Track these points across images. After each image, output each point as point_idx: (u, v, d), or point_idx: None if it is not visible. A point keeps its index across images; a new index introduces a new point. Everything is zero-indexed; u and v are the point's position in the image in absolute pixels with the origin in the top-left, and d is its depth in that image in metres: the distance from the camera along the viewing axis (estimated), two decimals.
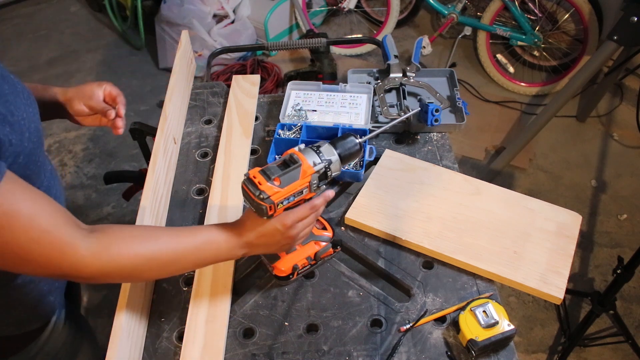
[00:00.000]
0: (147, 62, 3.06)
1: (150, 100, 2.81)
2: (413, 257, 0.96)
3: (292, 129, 1.14)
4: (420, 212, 1.00)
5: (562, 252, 0.94)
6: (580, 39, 2.62)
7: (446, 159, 1.12)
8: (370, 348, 0.84)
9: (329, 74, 2.53)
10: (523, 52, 2.86)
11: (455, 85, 1.25)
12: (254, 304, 0.91)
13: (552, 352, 1.81)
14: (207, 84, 1.33)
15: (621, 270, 1.47)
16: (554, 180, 2.35)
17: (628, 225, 2.17)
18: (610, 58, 1.98)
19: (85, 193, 2.35)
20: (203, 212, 1.02)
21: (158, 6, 2.91)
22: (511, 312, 1.89)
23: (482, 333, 0.82)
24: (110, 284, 0.76)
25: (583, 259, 2.06)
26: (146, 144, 1.38)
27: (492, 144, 2.51)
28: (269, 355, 0.84)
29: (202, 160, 1.15)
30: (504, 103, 2.72)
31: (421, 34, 3.07)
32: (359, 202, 1.02)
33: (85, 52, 3.16)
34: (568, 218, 1.00)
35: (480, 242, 0.95)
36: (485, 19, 2.70)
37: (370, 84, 1.24)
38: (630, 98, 2.64)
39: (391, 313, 0.88)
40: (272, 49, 1.53)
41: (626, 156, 2.45)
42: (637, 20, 1.75)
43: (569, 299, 1.94)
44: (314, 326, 0.88)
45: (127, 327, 0.80)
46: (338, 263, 0.96)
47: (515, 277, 0.90)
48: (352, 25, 3.24)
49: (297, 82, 1.24)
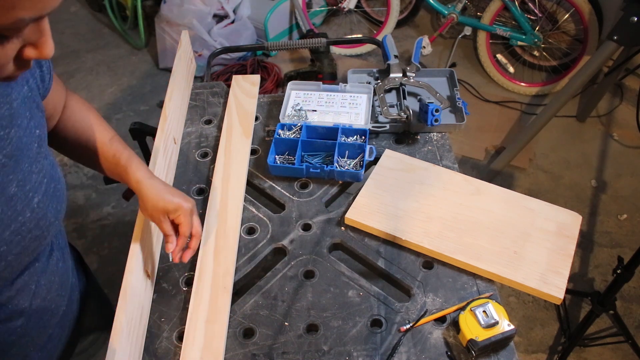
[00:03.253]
0: (147, 62, 3.06)
1: (150, 100, 2.81)
2: (413, 257, 0.96)
3: (292, 129, 1.14)
4: (420, 212, 1.00)
5: (562, 252, 0.94)
6: (580, 39, 2.62)
7: (446, 159, 1.12)
8: (370, 348, 0.84)
9: (329, 74, 2.53)
10: (523, 52, 2.86)
11: (455, 85, 1.25)
12: (254, 304, 0.91)
13: (552, 352, 1.81)
14: (207, 84, 1.33)
15: (621, 270, 1.47)
16: (554, 180, 2.35)
17: (628, 225, 2.17)
18: (610, 58, 1.98)
19: (85, 193, 2.35)
20: (203, 212, 1.02)
21: (158, 6, 2.91)
22: (511, 312, 1.89)
23: (482, 333, 0.82)
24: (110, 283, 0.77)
25: (583, 259, 2.06)
26: (146, 144, 1.38)
27: (492, 144, 2.51)
28: (269, 355, 0.84)
29: (202, 160, 1.15)
30: (504, 103, 2.72)
31: (421, 34, 3.07)
32: (359, 202, 1.02)
33: (85, 52, 3.16)
34: (568, 218, 1.00)
35: (480, 242, 0.95)
36: (485, 19, 2.70)
37: (370, 84, 1.24)
38: (630, 98, 2.64)
39: (391, 313, 0.88)
40: (272, 49, 1.53)
41: (626, 156, 2.45)
42: (637, 20, 1.75)
43: (569, 299, 1.94)
44: (314, 326, 0.88)
45: (127, 327, 0.80)
46: (338, 263, 0.96)
47: (515, 277, 0.90)
48: (352, 25, 3.25)
49: (297, 82, 1.24)
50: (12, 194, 0.66)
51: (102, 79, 2.96)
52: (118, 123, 2.66)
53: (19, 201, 0.67)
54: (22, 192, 0.67)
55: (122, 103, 2.80)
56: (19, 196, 0.67)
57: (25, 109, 0.69)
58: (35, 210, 0.69)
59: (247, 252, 0.98)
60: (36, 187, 0.69)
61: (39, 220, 0.70)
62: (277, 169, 1.09)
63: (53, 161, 0.75)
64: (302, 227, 1.01)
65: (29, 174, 0.68)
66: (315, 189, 1.08)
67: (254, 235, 1.01)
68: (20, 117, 0.68)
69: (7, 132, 0.65)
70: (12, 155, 0.65)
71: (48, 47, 0.52)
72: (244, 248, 0.99)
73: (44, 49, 0.52)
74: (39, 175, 0.70)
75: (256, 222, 1.03)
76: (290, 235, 1.00)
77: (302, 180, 1.09)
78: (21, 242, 0.69)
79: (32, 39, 0.51)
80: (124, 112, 2.75)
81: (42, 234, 0.72)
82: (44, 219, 0.71)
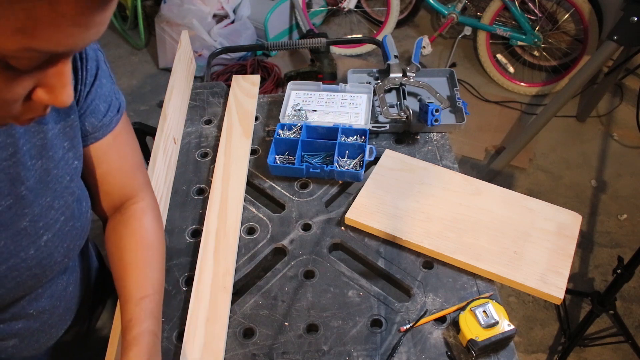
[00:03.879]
0: (147, 62, 3.06)
1: (150, 100, 2.81)
2: (413, 257, 0.96)
3: (292, 129, 1.14)
4: (420, 212, 1.00)
5: (562, 252, 0.94)
6: (580, 39, 2.62)
7: (446, 159, 1.12)
8: (370, 348, 0.84)
9: (329, 74, 2.53)
10: (523, 52, 2.86)
11: (455, 85, 1.25)
12: (254, 304, 0.91)
13: (552, 352, 1.81)
14: (207, 84, 1.33)
15: (621, 270, 1.47)
16: (554, 180, 2.35)
17: (628, 225, 2.17)
18: (610, 58, 1.98)
19: None
20: (203, 212, 1.03)
21: (158, 6, 2.91)
22: (511, 312, 1.89)
23: (482, 333, 0.82)
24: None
25: (583, 259, 2.06)
26: (146, 144, 1.38)
27: (492, 144, 2.51)
28: (269, 355, 0.84)
29: (202, 160, 1.15)
30: (504, 103, 2.72)
31: (421, 34, 3.07)
32: (359, 202, 1.02)
33: None
34: (568, 218, 1.00)
35: (480, 242, 0.95)
36: (485, 19, 2.70)
37: (370, 84, 1.24)
38: (630, 98, 2.64)
39: (391, 313, 0.88)
40: (272, 49, 1.53)
41: (626, 156, 2.46)
42: (637, 20, 1.75)
43: (569, 299, 1.94)
44: (314, 326, 0.88)
45: None
46: (338, 263, 0.96)
47: (515, 277, 0.90)
48: (352, 25, 3.25)
49: (297, 82, 1.24)
50: (21, 229, 0.61)
51: None
52: None
53: (26, 236, 0.61)
54: (33, 228, 0.62)
55: None
56: (28, 231, 0.61)
57: (64, 139, 0.64)
58: (41, 248, 0.63)
59: (247, 252, 0.98)
60: (50, 225, 0.63)
61: (42, 259, 0.64)
62: (277, 169, 1.09)
63: (79, 195, 0.69)
64: (302, 227, 1.01)
65: (47, 209, 0.63)
66: (315, 189, 1.08)
67: (254, 235, 1.01)
68: (55, 148, 0.62)
69: (33, 163, 0.60)
70: (33, 188, 0.60)
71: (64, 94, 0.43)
72: (244, 248, 0.99)
73: (59, 94, 0.43)
74: (57, 212, 0.64)
75: (256, 222, 1.03)
76: (290, 235, 1.00)
77: (302, 180, 1.09)
78: (17, 277, 0.63)
79: (47, 82, 0.42)
80: None
81: (44, 272, 0.66)
82: (48, 258, 0.65)
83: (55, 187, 0.63)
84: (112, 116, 0.72)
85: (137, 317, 0.69)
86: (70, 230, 0.66)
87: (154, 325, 0.71)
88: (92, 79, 0.68)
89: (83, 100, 0.68)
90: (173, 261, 0.97)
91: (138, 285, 0.72)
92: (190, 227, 1.02)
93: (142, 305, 0.71)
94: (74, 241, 0.68)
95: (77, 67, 0.66)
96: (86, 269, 0.85)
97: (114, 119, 0.73)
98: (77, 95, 0.66)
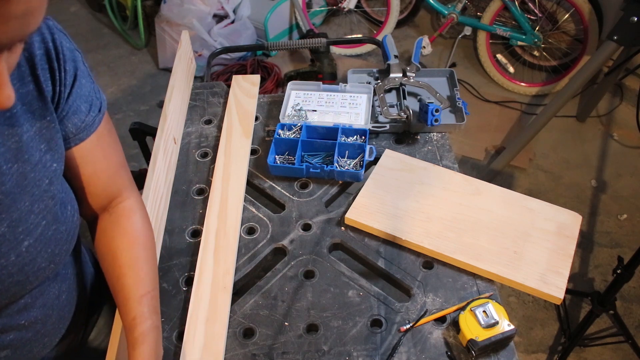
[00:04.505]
0: (147, 62, 3.06)
1: (150, 100, 2.81)
2: (413, 257, 0.96)
3: (292, 129, 1.14)
4: (420, 212, 1.00)
5: (562, 252, 0.94)
6: (580, 39, 2.62)
7: (446, 159, 1.12)
8: (370, 348, 0.84)
9: (329, 74, 2.53)
10: (523, 52, 2.86)
11: (455, 85, 1.25)
12: (254, 304, 0.91)
13: (552, 352, 1.81)
14: (207, 84, 1.33)
15: (621, 270, 1.47)
16: (554, 180, 2.35)
17: (628, 225, 2.17)
18: (610, 58, 1.98)
19: None
20: (203, 212, 1.03)
21: (158, 6, 2.91)
22: (511, 312, 1.89)
23: (482, 333, 0.82)
24: None
25: (583, 259, 2.06)
26: (146, 144, 1.38)
27: (492, 144, 2.51)
28: (269, 355, 0.84)
29: (202, 160, 1.15)
30: (504, 103, 2.72)
31: (421, 34, 3.07)
32: (359, 202, 1.02)
33: (85, 52, 3.13)
34: (568, 218, 1.00)
35: (480, 242, 0.95)
36: (485, 19, 2.70)
37: (370, 84, 1.24)
38: (630, 98, 2.64)
39: (391, 313, 0.88)
40: (272, 49, 1.53)
41: (626, 156, 2.46)
42: (637, 20, 1.75)
43: (569, 299, 1.94)
44: (314, 326, 0.88)
45: None
46: (338, 263, 0.96)
47: (515, 277, 0.90)
48: (352, 25, 3.25)
49: (297, 82, 1.24)
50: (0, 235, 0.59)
51: (102, 78, 2.96)
52: (118, 123, 2.65)
53: (5, 243, 0.59)
54: (12, 234, 0.60)
55: (122, 103, 2.81)
56: (6, 237, 0.59)
57: (41, 141, 0.62)
58: (23, 254, 0.61)
59: (247, 252, 0.98)
60: (30, 230, 0.61)
61: (24, 265, 0.62)
62: (277, 169, 1.09)
63: (63, 198, 0.67)
64: (302, 227, 1.01)
65: (26, 213, 0.61)
66: (315, 189, 1.08)
67: (254, 235, 1.01)
68: (31, 151, 0.61)
69: (9, 167, 0.58)
70: (9, 193, 0.58)
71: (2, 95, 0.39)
72: (244, 248, 0.99)
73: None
74: (38, 216, 0.62)
75: (256, 222, 1.03)
76: (290, 235, 1.00)
77: (302, 180, 1.09)
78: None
79: None
80: (123, 112, 2.75)
81: (27, 279, 0.63)
82: (30, 265, 0.63)
83: (34, 190, 0.61)
84: (94, 116, 0.71)
85: (141, 314, 0.69)
86: (54, 234, 0.65)
87: (158, 321, 0.72)
88: (72, 79, 0.67)
89: (64, 102, 0.67)
90: (173, 261, 0.97)
91: (137, 284, 0.72)
92: (190, 227, 1.02)
93: (144, 303, 0.71)
94: (59, 246, 0.66)
95: (54, 68, 0.65)
96: (80, 276, 0.83)
97: (97, 119, 0.72)
98: (56, 97, 0.65)
